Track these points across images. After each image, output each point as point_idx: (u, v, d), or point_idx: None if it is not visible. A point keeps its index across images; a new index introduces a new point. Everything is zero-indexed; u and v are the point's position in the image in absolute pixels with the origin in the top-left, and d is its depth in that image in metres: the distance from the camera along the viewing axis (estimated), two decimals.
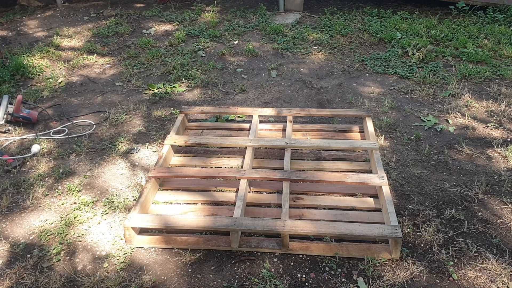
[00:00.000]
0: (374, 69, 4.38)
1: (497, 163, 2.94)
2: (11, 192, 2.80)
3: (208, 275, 2.18)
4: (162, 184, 2.77)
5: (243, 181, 2.61)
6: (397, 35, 5.05)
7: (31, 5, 6.89)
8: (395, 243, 2.18)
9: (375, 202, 2.56)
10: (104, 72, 4.54)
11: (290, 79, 4.25)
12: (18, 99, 3.46)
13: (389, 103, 3.69)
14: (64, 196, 2.77)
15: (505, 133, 3.27)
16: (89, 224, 2.53)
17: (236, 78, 4.30)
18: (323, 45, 5.00)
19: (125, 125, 3.54)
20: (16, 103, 3.46)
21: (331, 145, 2.94)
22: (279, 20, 5.85)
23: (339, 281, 2.13)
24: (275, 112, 3.33)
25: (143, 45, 5.11)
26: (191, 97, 3.97)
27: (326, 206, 2.55)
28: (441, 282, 2.11)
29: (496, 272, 2.14)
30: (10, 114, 3.47)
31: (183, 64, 4.58)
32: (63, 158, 3.14)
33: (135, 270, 2.23)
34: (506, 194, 2.66)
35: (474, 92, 3.86)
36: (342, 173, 2.62)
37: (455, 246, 2.31)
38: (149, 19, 6.10)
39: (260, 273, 2.18)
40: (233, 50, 4.95)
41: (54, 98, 3.99)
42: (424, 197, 2.65)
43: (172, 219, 2.32)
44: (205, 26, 5.66)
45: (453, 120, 3.46)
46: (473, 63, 4.42)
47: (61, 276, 2.20)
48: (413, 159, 3.01)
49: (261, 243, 2.31)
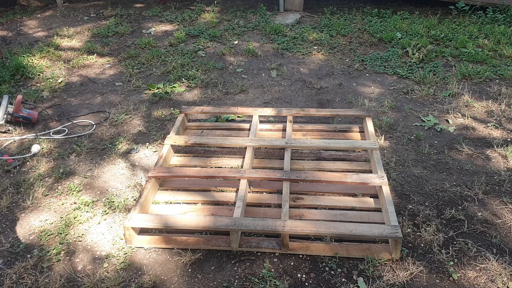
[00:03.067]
0: (374, 69, 4.38)
1: (497, 163, 2.94)
2: (11, 192, 2.80)
3: (208, 275, 2.18)
4: (162, 184, 2.77)
5: (243, 181, 2.61)
6: (397, 35, 5.05)
7: (31, 5, 6.89)
8: (395, 243, 2.18)
9: (375, 202, 2.56)
10: (104, 72, 4.54)
11: (290, 79, 4.25)
12: (18, 99, 3.46)
13: (389, 103, 3.69)
14: (64, 196, 2.77)
15: (505, 133, 3.27)
16: (89, 224, 2.53)
17: (236, 78, 4.30)
18: (323, 45, 5.00)
19: (125, 125, 3.54)
20: (16, 103, 3.46)
21: (331, 145, 2.94)
22: (279, 20, 5.85)
23: (339, 281, 2.13)
24: (275, 112, 3.33)
25: (143, 45, 5.11)
26: (191, 97, 3.97)
27: (326, 206, 2.55)
28: (441, 282, 2.11)
29: (496, 272, 2.14)
30: (10, 114, 3.47)
31: (183, 64, 4.58)
32: (63, 158, 3.14)
33: (135, 270, 2.23)
34: (506, 194, 2.66)
35: (474, 92, 3.86)
36: (342, 173, 2.62)
37: (455, 246, 2.31)
38: (149, 19, 6.10)
39: (260, 273, 2.18)
40: (233, 50, 4.96)
41: (54, 98, 3.99)
42: (424, 197, 2.65)
43: (172, 219, 2.32)
44: (205, 26, 5.66)
45: (453, 120, 3.46)
46: (473, 63, 4.42)
47: (61, 276, 2.20)
48: (413, 159, 3.01)
49: (261, 243, 2.31)
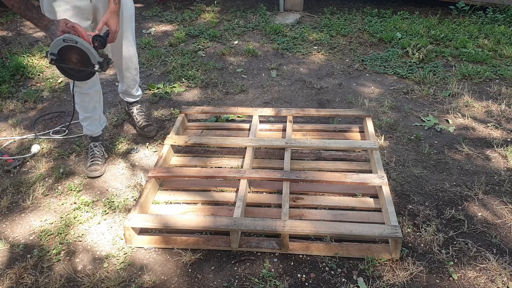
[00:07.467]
0: (374, 69, 4.38)
1: (497, 163, 2.94)
2: (11, 192, 2.80)
3: (208, 275, 2.18)
4: (162, 184, 2.77)
5: (243, 181, 2.61)
6: (397, 35, 5.05)
7: None
8: (395, 243, 2.18)
9: (375, 202, 2.56)
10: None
11: (290, 79, 4.25)
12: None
13: (389, 103, 3.69)
14: (64, 196, 2.77)
15: (505, 133, 3.27)
16: (89, 224, 2.53)
17: (236, 78, 4.30)
18: (323, 45, 5.00)
19: (125, 125, 3.54)
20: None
21: (331, 145, 2.94)
22: (279, 20, 5.85)
23: (339, 281, 2.13)
24: (275, 112, 3.33)
25: (143, 45, 5.11)
26: (191, 97, 3.97)
27: (326, 206, 2.55)
28: (441, 282, 2.11)
29: (496, 272, 2.15)
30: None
31: (183, 64, 4.58)
32: (63, 158, 3.14)
33: (135, 270, 2.23)
34: (506, 194, 2.66)
35: (474, 92, 3.86)
36: (342, 173, 2.62)
37: (455, 246, 2.31)
38: (149, 19, 6.10)
39: (260, 273, 2.18)
40: (233, 50, 4.96)
41: (54, 98, 3.99)
42: (424, 197, 2.65)
43: (172, 219, 2.32)
44: (205, 26, 5.66)
45: (453, 120, 3.46)
46: (473, 63, 4.42)
47: (61, 276, 2.20)
48: (413, 159, 3.01)
49: (261, 243, 2.31)
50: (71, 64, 2.37)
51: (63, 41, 2.27)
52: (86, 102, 2.85)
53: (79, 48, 2.30)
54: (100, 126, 3.01)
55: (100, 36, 2.40)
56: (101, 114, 3.01)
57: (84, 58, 2.34)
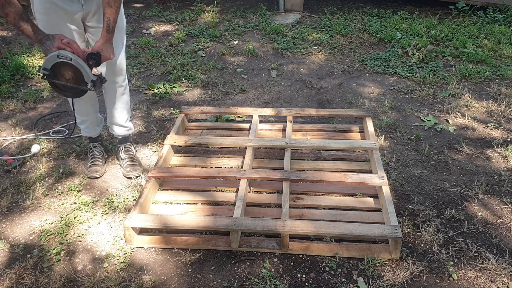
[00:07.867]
0: (374, 69, 4.38)
1: (497, 163, 2.94)
2: (11, 192, 2.80)
3: (208, 275, 2.18)
4: (162, 184, 2.77)
5: (243, 181, 2.61)
6: (397, 35, 5.05)
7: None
8: (395, 243, 2.18)
9: (375, 202, 2.56)
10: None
11: (290, 79, 4.25)
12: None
13: (389, 103, 3.69)
14: (64, 196, 2.77)
15: (505, 133, 3.27)
16: (89, 224, 2.53)
17: (236, 78, 4.30)
18: (323, 45, 5.00)
19: None
20: None
21: (331, 145, 2.94)
22: (279, 20, 5.85)
23: (339, 281, 2.13)
24: (275, 112, 3.33)
25: (143, 45, 5.12)
26: (191, 97, 3.97)
27: (326, 206, 2.55)
28: (441, 282, 2.11)
29: (496, 272, 2.15)
30: None
31: (183, 64, 4.58)
32: (63, 158, 3.14)
33: (135, 270, 2.23)
34: (506, 194, 2.66)
35: (474, 92, 3.86)
36: (342, 173, 2.62)
37: (455, 246, 2.31)
38: (149, 19, 6.10)
39: (260, 273, 2.18)
40: (233, 50, 4.96)
41: (54, 98, 3.99)
42: (424, 197, 2.65)
43: (172, 219, 2.32)
44: (205, 26, 5.66)
45: (453, 120, 3.46)
46: (473, 63, 4.42)
47: (61, 276, 2.20)
48: (413, 159, 3.01)
49: (261, 243, 2.31)
50: (64, 80, 2.32)
51: (58, 57, 2.22)
52: (82, 106, 2.83)
53: (73, 66, 2.25)
54: (98, 127, 3.01)
55: (95, 54, 2.34)
56: (98, 115, 3.00)
57: (78, 76, 2.29)
